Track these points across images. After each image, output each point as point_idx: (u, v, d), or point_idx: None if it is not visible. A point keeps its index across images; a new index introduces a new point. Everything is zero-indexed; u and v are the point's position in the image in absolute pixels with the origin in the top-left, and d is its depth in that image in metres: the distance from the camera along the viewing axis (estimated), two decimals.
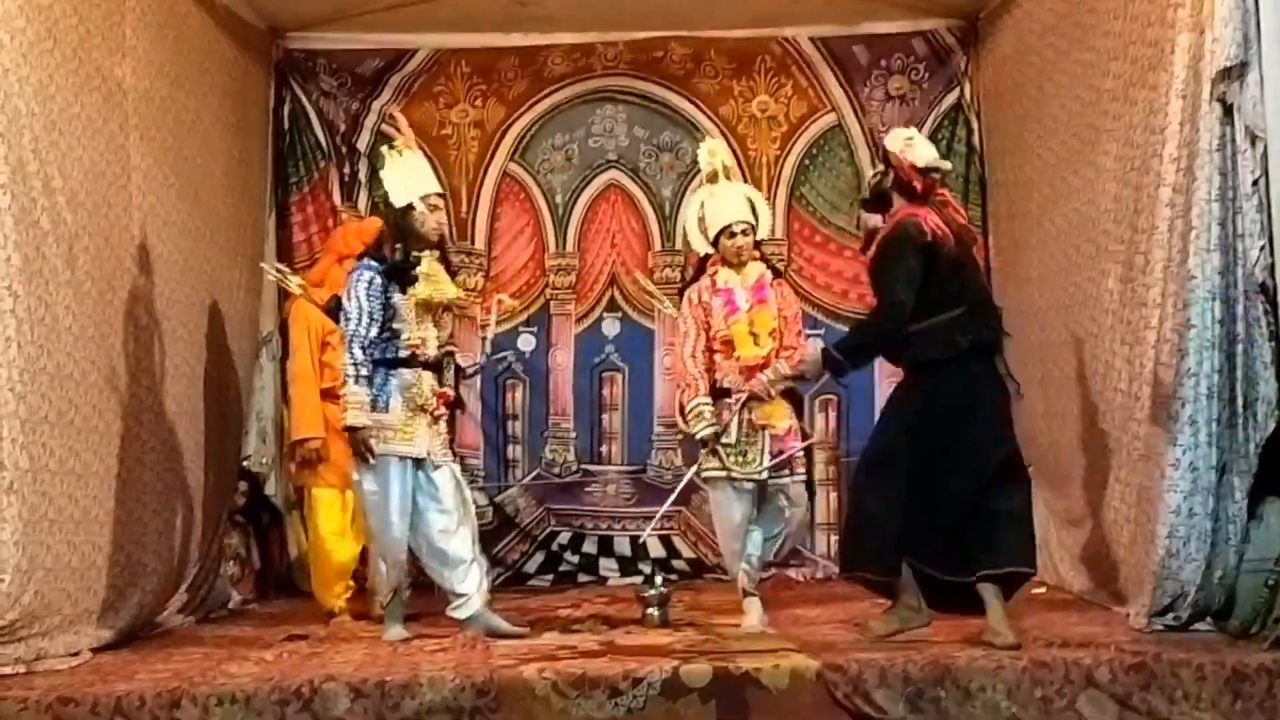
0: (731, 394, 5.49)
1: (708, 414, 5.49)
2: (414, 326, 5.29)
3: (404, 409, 5.27)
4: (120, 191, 5.61)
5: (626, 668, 4.33)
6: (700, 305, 5.63)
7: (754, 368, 5.46)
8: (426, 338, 5.32)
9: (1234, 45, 4.72)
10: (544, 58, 8.06)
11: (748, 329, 5.50)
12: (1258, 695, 4.23)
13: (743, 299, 5.54)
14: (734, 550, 5.57)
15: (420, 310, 5.30)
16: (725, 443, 5.46)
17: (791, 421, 5.53)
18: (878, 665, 4.30)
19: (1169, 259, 5.09)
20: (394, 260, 5.29)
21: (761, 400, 5.44)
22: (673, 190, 8.14)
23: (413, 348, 5.29)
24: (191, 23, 6.48)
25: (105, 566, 5.30)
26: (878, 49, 8.00)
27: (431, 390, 5.34)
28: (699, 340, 5.60)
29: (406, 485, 5.29)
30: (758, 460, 5.46)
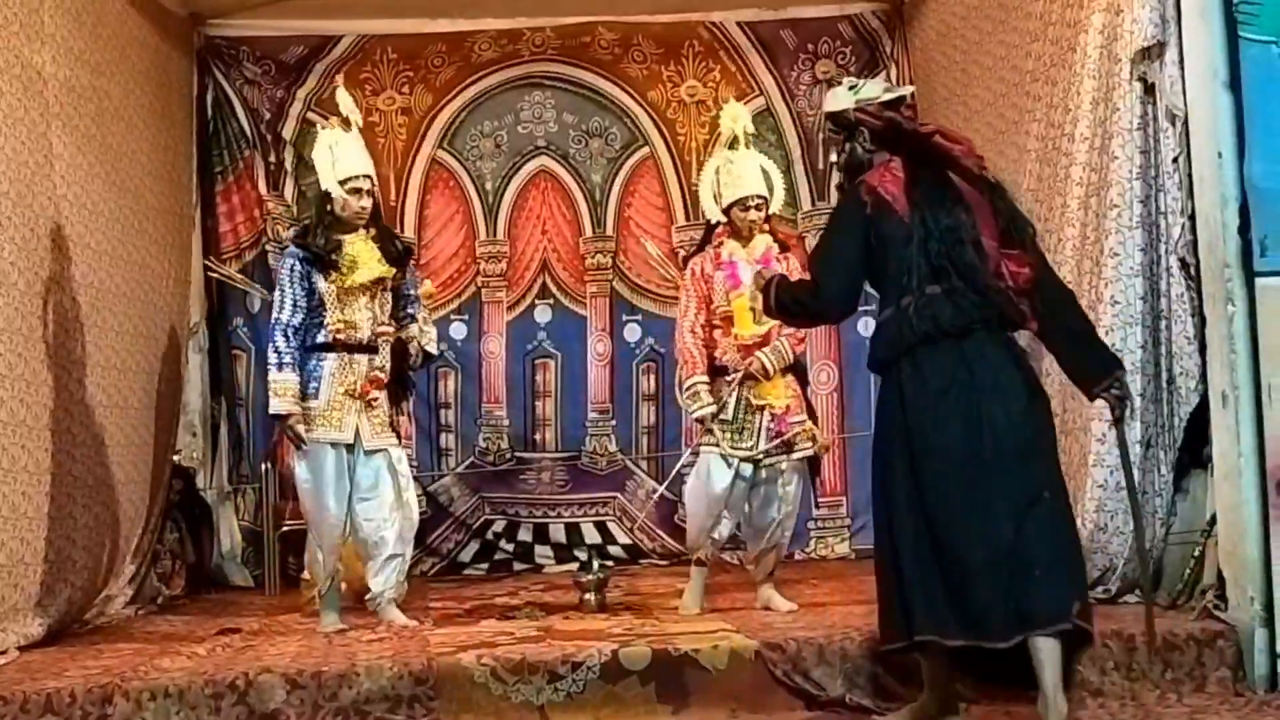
0: (729, 371, 5.35)
1: (704, 393, 5.35)
2: (338, 310, 5.22)
3: (332, 394, 5.21)
4: (44, 181, 5.52)
5: (565, 652, 4.33)
6: (702, 277, 5.47)
7: (752, 346, 5.31)
8: (354, 320, 5.23)
9: (1152, 25, 4.79)
10: (471, 43, 8.01)
11: (749, 304, 5.28)
12: (1187, 664, 4.32)
13: (747, 273, 5.29)
14: (704, 528, 5.40)
15: (343, 293, 5.23)
16: (723, 419, 5.32)
17: (791, 400, 5.36)
18: (816, 643, 4.34)
19: (1082, 237, 5.18)
20: (315, 244, 5.23)
21: (764, 378, 5.30)
22: (602, 176, 8.14)
23: (336, 331, 5.22)
24: (110, 9, 6.38)
25: (34, 563, 5.22)
26: (804, 33, 8.04)
27: (365, 374, 5.25)
28: (699, 314, 5.44)
29: (340, 471, 5.23)
30: (754, 440, 5.32)
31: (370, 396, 5.25)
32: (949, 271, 3.89)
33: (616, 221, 8.10)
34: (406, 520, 5.35)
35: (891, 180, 4.00)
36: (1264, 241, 4.29)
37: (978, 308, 3.87)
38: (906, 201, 3.96)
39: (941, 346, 3.86)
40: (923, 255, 3.91)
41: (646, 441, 8.03)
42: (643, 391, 8.05)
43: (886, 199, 3.97)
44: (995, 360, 3.87)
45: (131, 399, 6.36)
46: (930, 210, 3.93)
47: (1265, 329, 4.32)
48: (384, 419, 5.33)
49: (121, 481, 6.17)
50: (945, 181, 3.96)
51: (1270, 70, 4.33)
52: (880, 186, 4.00)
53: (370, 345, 5.29)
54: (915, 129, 4.05)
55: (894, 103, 4.16)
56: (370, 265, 5.26)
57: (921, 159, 3.99)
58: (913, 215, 3.94)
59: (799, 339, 5.39)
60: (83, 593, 5.67)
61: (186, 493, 7.30)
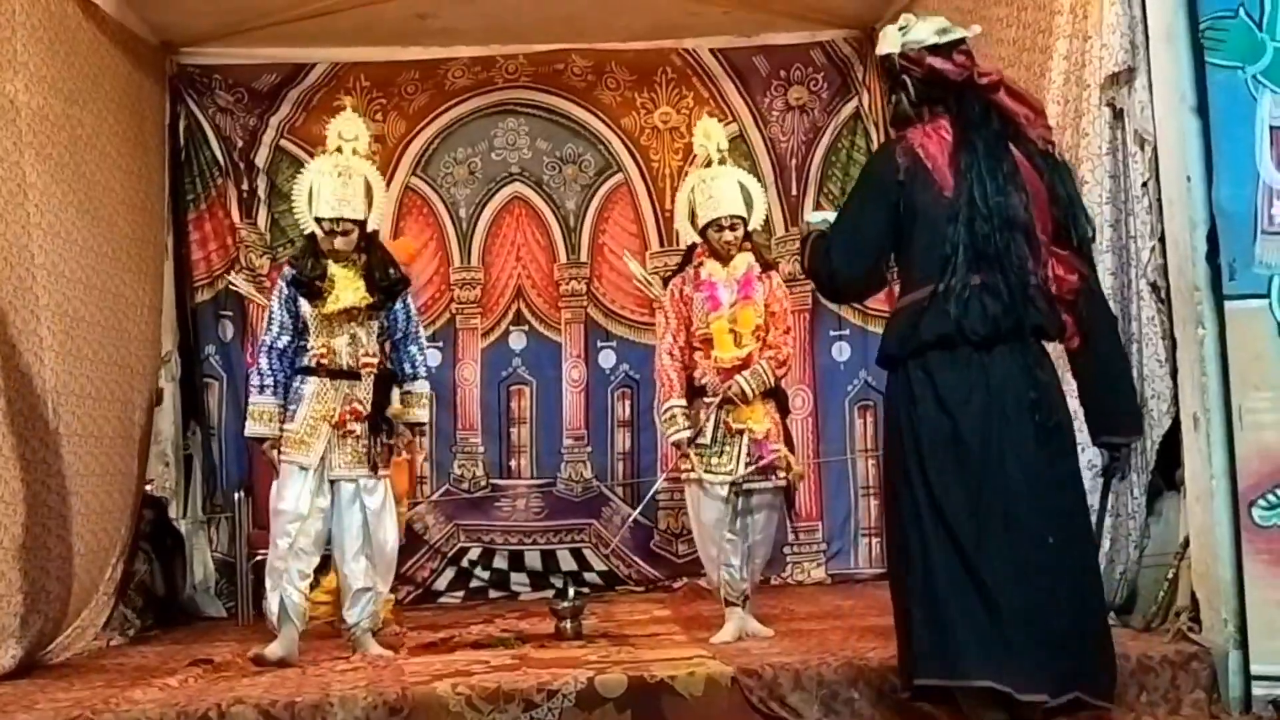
0: (708, 393, 5.24)
1: (680, 417, 5.28)
2: (321, 335, 5.19)
3: (307, 418, 5.17)
4: (17, 209, 5.50)
5: (541, 680, 4.31)
6: (681, 299, 5.37)
7: (731, 369, 5.20)
8: (334, 347, 5.19)
9: (1121, 51, 4.83)
10: (444, 71, 8.03)
11: (728, 327, 5.22)
12: (1162, 687, 4.33)
13: (726, 294, 5.25)
14: (710, 556, 5.30)
15: (325, 319, 5.20)
16: (701, 444, 5.23)
17: (771, 424, 5.24)
18: (792, 669, 4.33)
19: None
20: (301, 273, 5.21)
21: (742, 402, 5.20)
22: (576, 202, 8.16)
23: (317, 357, 5.18)
24: (83, 38, 6.35)
25: (8, 594, 5.17)
26: (777, 60, 8.08)
27: (344, 402, 5.19)
28: (678, 336, 5.35)
29: (308, 498, 5.14)
30: (734, 465, 5.21)
31: (347, 428, 5.18)
32: (994, 260, 3.36)
33: (591, 248, 8.13)
34: (378, 553, 5.28)
35: (936, 142, 3.47)
36: (1233, 265, 4.32)
37: (1015, 311, 3.37)
38: (951, 170, 3.42)
39: (960, 355, 3.41)
40: (968, 236, 3.36)
41: (622, 468, 8.02)
42: (618, 418, 8.05)
43: (926, 164, 3.45)
44: (1024, 378, 3.41)
45: (105, 428, 6.32)
46: (980, 184, 3.38)
47: (1235, 352, 4.34)
48: (359, 450, 5.22)
49: (95, 511, 6.13)
50: (1001, 151, 3.44)
51: (1237, 95, 4.37)
52: (921, 147, 3.47)
53: (351, 373, 5.23)
54: (970, 79, 3.50)
55: (946, 46, 3.56)
56: (347, 294, 5.19)
57: (976, 120, 3.46)
58: (958, 187, 3.40)
59: (780, 362, 5.28)
60: (54, 624, 5.62)
61: (159, 523, 7.25)
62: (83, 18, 6.36)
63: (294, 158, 7.87)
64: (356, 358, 5.23)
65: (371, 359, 5.26)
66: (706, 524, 5.27)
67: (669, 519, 7.79)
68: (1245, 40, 4.38)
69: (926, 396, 3.42)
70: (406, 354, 5.38)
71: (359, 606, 5.27)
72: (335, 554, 5.29)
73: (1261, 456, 4.27)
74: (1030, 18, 5.55)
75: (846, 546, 7.84)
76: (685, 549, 7.74)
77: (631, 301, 8.02)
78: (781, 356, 5.29)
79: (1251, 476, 4.29)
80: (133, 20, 7.02)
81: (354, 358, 5.23)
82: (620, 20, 7.64)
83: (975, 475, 3.37)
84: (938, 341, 3.41)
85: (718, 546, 5.24)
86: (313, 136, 7.91)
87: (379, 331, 5.31)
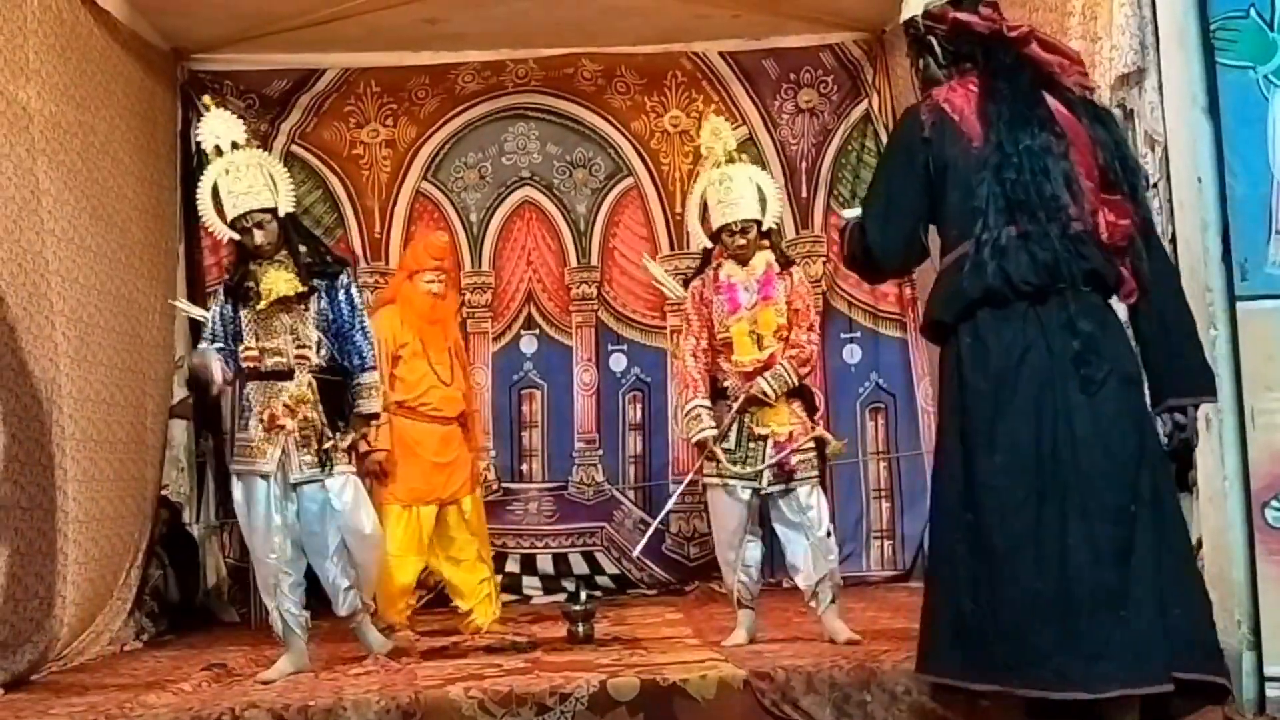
0: (729, 396, 5.18)
1: (705, 416, 5.18)
2: (253, 338, 4.97)
3: (257, 423, 4.97)
4: (31, 216, 5.53)
5: (553, 683, 4.32)
6: (702, 301, 5.28)
7: (752, 371, 5.13)
8: (267, 348, 4.96)
9: (1132, 52, 4.82)
10: (454, 76, 8.04)
11: (749, 329, 5.15)
12: None
13: (745, 296, 5.17)
14: (728, 560, 5.23)
15: (261, 320, 4.97)
16: (724, 447, 5.16)
17: (795, 426, 5.15)
18: (804, 672, 4.33)
19: None
20: (229, 279, 5.08)
21: (762, 404, 5.14)
22: (587, 206, 8.16)
23: (249, 360, 4.97)
24: (95, 45, 6.38)
25: (23, 598, 5.19)
26: (787, 62, 8.08)
27: (286, 402, 4.95)
28: (701, 336, 5.27)
29: (270, 507, 4.98)
30: (756, 468, 5.12)
31: (278, 424, 4.93)
32: (1030, 208, 3.15)
33: (601, 251, 8.13)
34: (359, 544, 5.08)
35: (962, 95, 3.31)
36: (1244, 265, 4.32)
37: (1064, 259, 3.12)
38: (979, 119, 3.24)
39: (1012, 311, 3.14)
40: (997, 184, 3.17)
41: (633, 471, 8.02)
42: (629, 421, 8.05)
43: (953, 116, 3.28)
44: (1084, 333, 3.12)
45: (119, 433, 6.34)
46: (1010, 131, 3.20)
47: (1247, 352, 4.33)
48: (312, 449, 4.98)
49: (110, 517, 6.15)
50: (1034, 98, 3.27)
51: (1248, 95, 4.37)
52: (946, 102, 3.31)
53: (288, 372, 4.99)
54: (997, 30, 3.36)
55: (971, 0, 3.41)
56: (279, 285, 4.95)
57: (1006, 70, 3.29)
58: (987, 135, 3.22)
59: (802, 361, 5.18)
60: (69, 629, 5.64)
61: (173, 528, 7.27)
62: (94, 25, 6.39)
63: (305, 163, 7.92)
64: (298, 352, 5.00)
65: (306, 351, 5.00)
66: (725, 527, 5.23)
67: (680, 522, 7.79)
68: (1256, 40, 4.38)
69: (975, 364, 3.16)
70: (353, 345, 5.10)
71: (346, 602, 5.13)
72: (310, 558, 5.07)
73: (1274, 458, 4.27)
74: (1041, 19, 5.53)
75: (858, 550, 7.82)
76: (697, 552, 7.75)
77: (643, 305, 8.03)
78: (804, 355, 5.18)
79: (1264, 478, 4.28)
80: (144, 27, 7.05)
81: (296, 355, 5.00)
82: (629, 24, 7.64)
83: (1032, 449, 3.08)
84: (985, 297, 3.14)
85: (735, 550, 5.20)
86: (324, 142, 7.98)
87: (319, 323, 5.03)
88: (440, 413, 6.16)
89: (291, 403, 4.96)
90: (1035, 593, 3.03)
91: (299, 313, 5.00)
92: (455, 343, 6.40)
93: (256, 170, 4.96)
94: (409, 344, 6.11)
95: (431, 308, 6.19)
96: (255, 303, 4.96)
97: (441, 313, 6.29)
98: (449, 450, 6.18)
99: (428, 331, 6.17)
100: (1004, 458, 3.09)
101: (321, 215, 7.99)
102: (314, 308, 5.02)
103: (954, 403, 3.21)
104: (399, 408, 6.04)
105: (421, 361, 6.12)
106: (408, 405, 6.09)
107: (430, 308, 6.19)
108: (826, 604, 5.18)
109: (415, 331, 6.14)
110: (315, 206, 7.97)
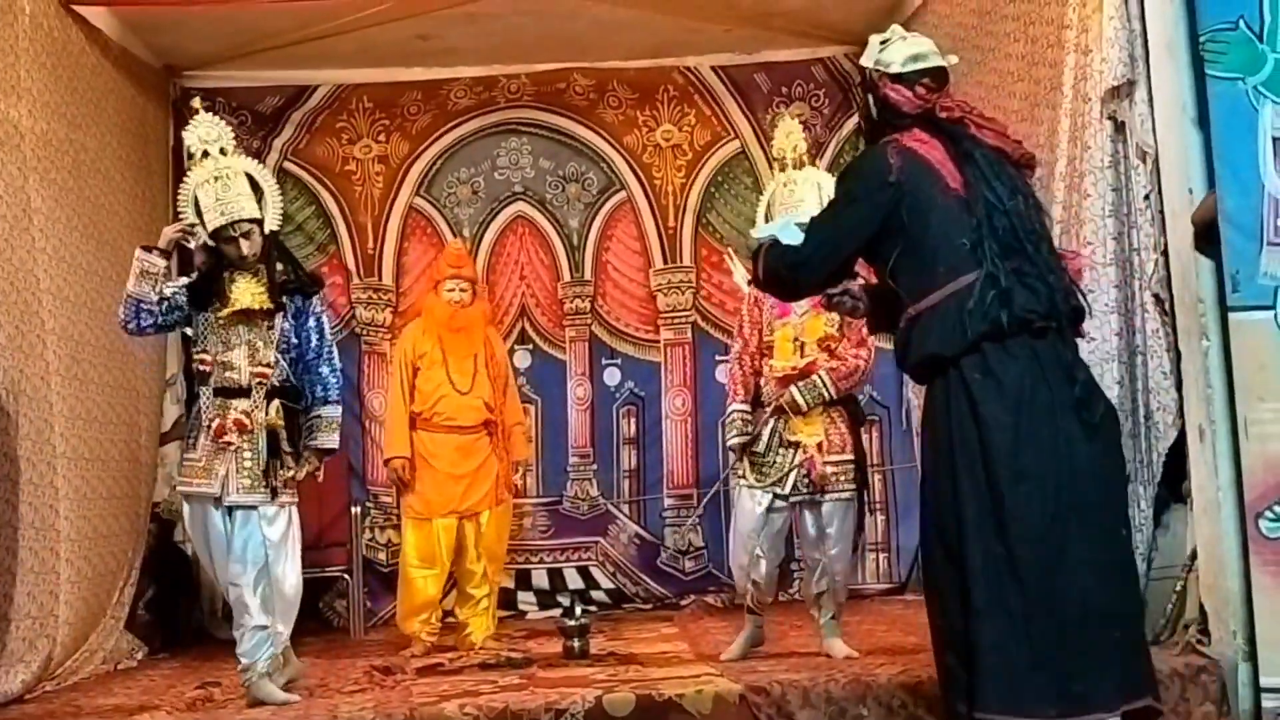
0: (763, 401, 5.17)
1: (740, 422, 5.19)
2: (208, 346, 4.78)
3: (205, 441, 4.73)
4: (22, 234, 5.52)
5: (549, 700, 4.30)
6: (756, 304, 5.26)
7: (786, 378, 5.10)
8: (221, 361, 4.76)
9: (1121, 65, 4.84)
10: (447, 91, 8.05)
11: (793, 335, 5.11)
12: (1171, 700, 4.30)
13: (798, 303, 5.06)
14: (740, 564, 5.21)
15: (219, 328, 4.78)
16: (754, 451, 5.16)
17: (825, 438, 5.09)
18: (800, 686, 4.32)
19: None
20: (193, 281, 4.86)
21: (794, 413, 5.11)
22: (580, 221, 8.17)
23: (202, 366, 4.78)
24: (87, 63, 6.39)
25: (16, 618, 5.17)
26: (778, 76, 8.10)
27: (239, 419, 4.73)
28: (751, 339, 5.25)
29: (218, 530, 4.74)
30: (784, 476, 5.11)
31: (225, 439, 4.71)
32: (1021, 250, 3.32)
33: (594, 266, 8.14)
34: (277, 593, 4.76)
35: (928, 145, 3.46)
36: (1235, 276, 4.31)
37: (1052, 298, 3.31)
38: (956, 166, 3.41)
39: (1012, 346, 3.27)
40: (990, 227, 3.31)
41: (628, 485, 8.01)
42: (623, 435, 8.05)
43: (924, 161, 3.42)
44: (1070, 368, 3.32)
45: (111, 451, 6.33)
46: (989, 185, 3.37)
47: (1240, 363, 4.33)
48: (255, 473, 4.73)
49: (103, 535, 6.14)
50: (999, 162, 3.47)
51: (1238, 106, 4.37)
52: (916, 147, 3.44)
53: (245, 389, 4.78)
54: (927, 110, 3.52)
55: (911, 75, 3.56)
56: (244, 297, 4.79)
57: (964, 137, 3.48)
58: (969, 181, 3.38)
59: (844, 375, 5.09)
60: (62, 648, 5.62)
61: (167, 546, 7.24)
62: (86, 43, 6.40)
63: (298, 179, 7.94)
64: (257, 371, 4.80)
65: (266, 369, 4.79)
66: (742, 530, 5.23)
67: (675, 536, 7.78)
68: (1245, 52, 4.38)
69: (988, 397, 3.25)
70: (318, 375, 4.92)
71: (253, 645, 4.69)
72: (229, 586, 4.76)
73: (1267, 468, 4.26)
74: (1038, 32, 5.56)
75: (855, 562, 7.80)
76: (692, 566, 7.75)
77: (636, 319, 8.04)
78: (847, 369, 5.11)
79: (1258, 488, 4.28)
80: (136, 45, 7.05)
81: (255, 372, 4.80)
82: (621, 39, 7.66)
83: (1052, 477, 3.22)
84: (989, 332, 3.26)
85: (749, 555, 5.18)
86: (316, 158, 7.99)
87: (281, 344, 4.84)
88: (454, 422, 6.16)
89: (242, 417, 4.74)
90: (1064, 620, 3.16)
91: (260, 330, 4.82)
92: (490, 352, 6.36)
93: (242, 179, 4.82)
94: (428, 353, 6.15)
95: (452, 315, 6.22)
96: (217, 309, 4.78)
97: (464, 320, 6.28)
98: (467, 461, 6.16)
99: (450, 340, 6.19)
100: (1029, 487, 3.20)
101: (314, 231, 8.00)
102: (278, 326, 4.84)
103: (967, 435, 3.27)
104: (416, 419, 6.10)
105: (439, 370, 6.14)
106: (423, 416, 6.13)
107: (451, 315, 6.22)
108: (826, 619, 5.18)
109: (436, 341, 6.18)
110: (308, 223, 7.98)
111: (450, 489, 6.10)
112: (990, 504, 3.23)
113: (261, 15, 6.88)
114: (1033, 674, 3.17)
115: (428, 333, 6.23)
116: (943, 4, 6.67)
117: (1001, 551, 3.20)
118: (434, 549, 6.08)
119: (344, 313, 7.89)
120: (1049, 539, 3.20)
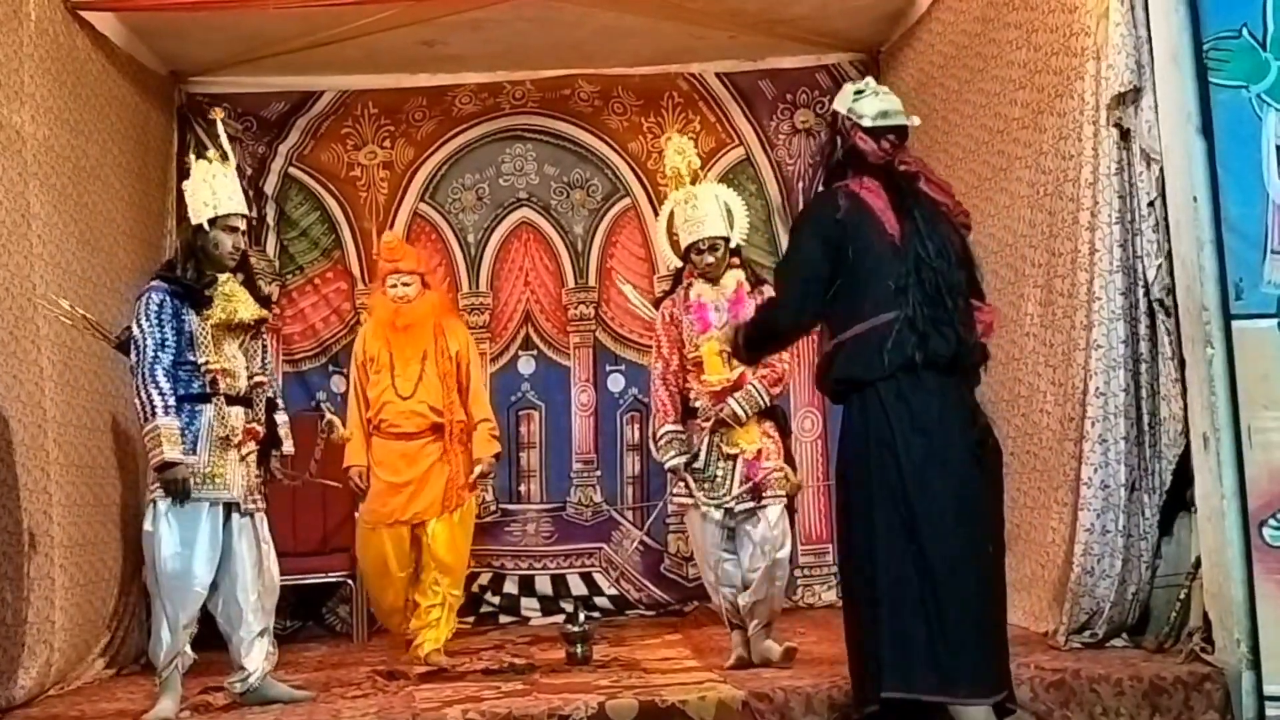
0: (699, 416, 5.17)
1: (676, 443, 5.21)
2: (214, 353, 4.76)
3: (211, 448, 4.73)
4: (20, 240, 5.52)
5: (552, 706, 4.31)
6: (672, 321, 5.30)
7: (722, 391, 5.12)
8: (231, 368, 4.80)
9: (1127, 71, 4.84)
10: (452, 97, 8.06)
11: (719, 348, 5.09)
12: (1175, 708, 4.32)
13: (715, 315, 5.15)
14: (710, 582, 5.27)
15: (220, 335, 4.79)
16: (695, 468, 5.17)
17: (764, 444, 5.14)
18: (803, 693, 4.33)
19: (1073, 280, 5.20)
20: (185, 279, 4.79)
21: (736, 424, 5.12)
22: (584, 227, 8.17)
23: (214, 376, 4.75)
24: (91, 69, 6.39)
25: (14, 624, 5.17)
26: (783, 83, 8.10)
27: (241, 426, 4.80)
28: (671, 358, 5.28)
29: (216, 536, 4.74)
30: (726, 487, 5.14)
31: (247, 450, 4.81)
32: (940, 298, 3.77)
33: (599, 272, 8.13)
34: (266, 589, 4.89)
35: (874, 194, 3.86)
36: (1239, 284, 4.32)
37: (959, 345, 3.79)
38: (895, 217, 3.83)
39: (924, 379, 3.74)
40: (916, 274, 3.76)
41: (632, 492, 8.01)
42: (627, 441, 8.04)
43: (868, 206, 3.83)
44: (972, 410, 3.86)
45: (101, 459, 6.28)
46: (921, 240, 3.79)
47: (1243, 371, 4.34)
48: (255, 479, 4.88)
49: (94, 542, 6.09)
50: (935, 218, 3.88)
51: (1242, 114, 4.38)
52: (862, 192, 3.85)
53: (245, 396, 4.87)
54: (889, 163, 3.89)
55: (878, 130, 3.94)
56: (244, 308, 4.83)
57: (909, 191, 3.87)
58: (905, 230, 3.81)
59: (774, 381, 5.18)
60: (62, 655, 5.61)
61: None
62: (91, 49, 6.40)
63: (303, 185, 7.94)
64: (251, 378, 4.90)
65: (263, 378, 4.94)
66: (703, 548, 5.25)
67: (679, 542, 7.77)
68: (1249, 60, 4.40)
69: (903, 416, 3.72)
70: (273, 384, 5.10)
71: (256, 652, 4.79)
72: (232, 591, 4.79)
73: (1271, 476, 4.27)
74: (1041, 40, 5.55)
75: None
76: (695, 573, 7.69)
77: (640, 325, 8.01)
78: (776, 375, 5.18)
79: (1262, 496, 4.28)
80: (141, 51, 7.06)
81: (249, 378, 4.89)
82: (626, 45, 7.66)
83: (954, 492, 3.71)
84: (906, 365, 3.72)
85: (715, 571, 5.21)
86: (321, 164, 8.00)
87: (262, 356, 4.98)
88: (399, 429, 5.85)
89: (255, 425, 4.85)
90: (961, 612, 3.65)
91: (246, 341, 4.90)
92: (442, 347, 5.98)
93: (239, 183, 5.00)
94: (376, 357, 5.88)
95: (396, 313, 5.90)
96: (213, 314, 4.78)
97: (409, 317, 5.93)
98: (411, 469, 5.83)
99: (396, 340, 5.89)
100: (934, 495, 3.68)
101: (319, 237, 8.00)
102: (261, 340, 4.98)
103: (881, 448, 3.73)
104: (369, 425, 5.89)
105: (385, 375, 5.86)
106: (373, 424, 5.88)
107: (394, 313, 5.91)
108: (759, 628, 5.17)
109: (384, 343, 5.91)
110: (313, 228, 7.99)
111: (392, 498, 5.82)
112: (904, 507, 3.69)
113: (267, 21, 6.88)
114: (927, 656, 3.63)
115: (376, 335, 5.96)
116: (946, 11, 6.68)
117: (913, 549, 3.67)
118: (383, 559, 5.84)
119: (349, 318, 7.89)
120: (953, 540, 3.67)
